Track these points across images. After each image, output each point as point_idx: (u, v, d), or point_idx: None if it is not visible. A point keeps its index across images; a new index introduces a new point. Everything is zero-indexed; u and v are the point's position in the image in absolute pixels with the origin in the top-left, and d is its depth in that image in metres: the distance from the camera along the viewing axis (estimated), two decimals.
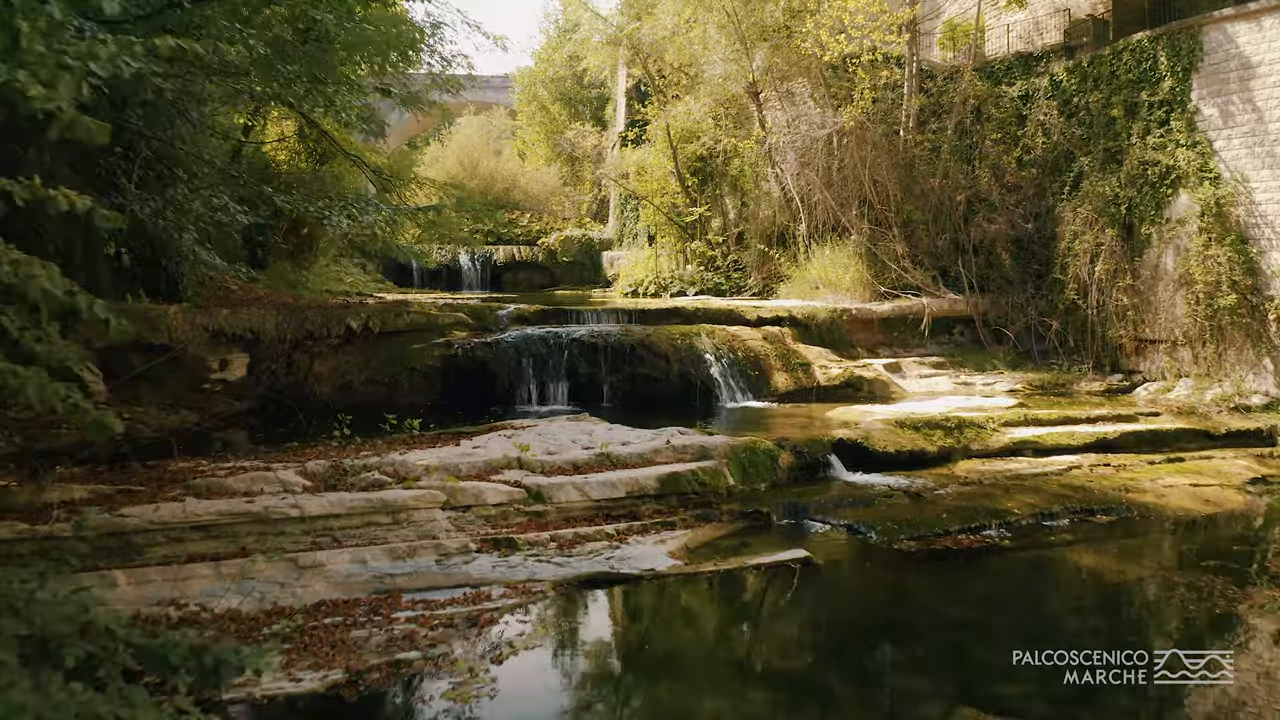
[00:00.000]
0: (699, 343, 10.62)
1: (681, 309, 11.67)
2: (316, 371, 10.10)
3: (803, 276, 14.93)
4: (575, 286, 26.10)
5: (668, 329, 10.84)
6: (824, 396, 10.93)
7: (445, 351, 10.06)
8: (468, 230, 12.92)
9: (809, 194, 14.73)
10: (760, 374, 10.76)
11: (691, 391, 10.22)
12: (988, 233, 14.06)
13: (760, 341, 11.25)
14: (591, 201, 31.84)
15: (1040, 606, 6.03)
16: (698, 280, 18.81)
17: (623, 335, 10.31)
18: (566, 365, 9.98)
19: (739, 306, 12.14)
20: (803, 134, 14.39)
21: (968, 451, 9.15)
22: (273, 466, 6.39)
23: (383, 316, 10.15)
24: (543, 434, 7.39)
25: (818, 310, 12.30)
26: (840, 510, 7.13)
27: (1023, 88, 15.16)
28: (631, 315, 11.34)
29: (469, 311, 10.78)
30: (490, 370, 9.91)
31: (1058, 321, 13.36)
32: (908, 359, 12.68)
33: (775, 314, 12.01)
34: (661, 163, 20.49)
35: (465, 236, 13.08)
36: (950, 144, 14.80)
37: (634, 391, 10.13)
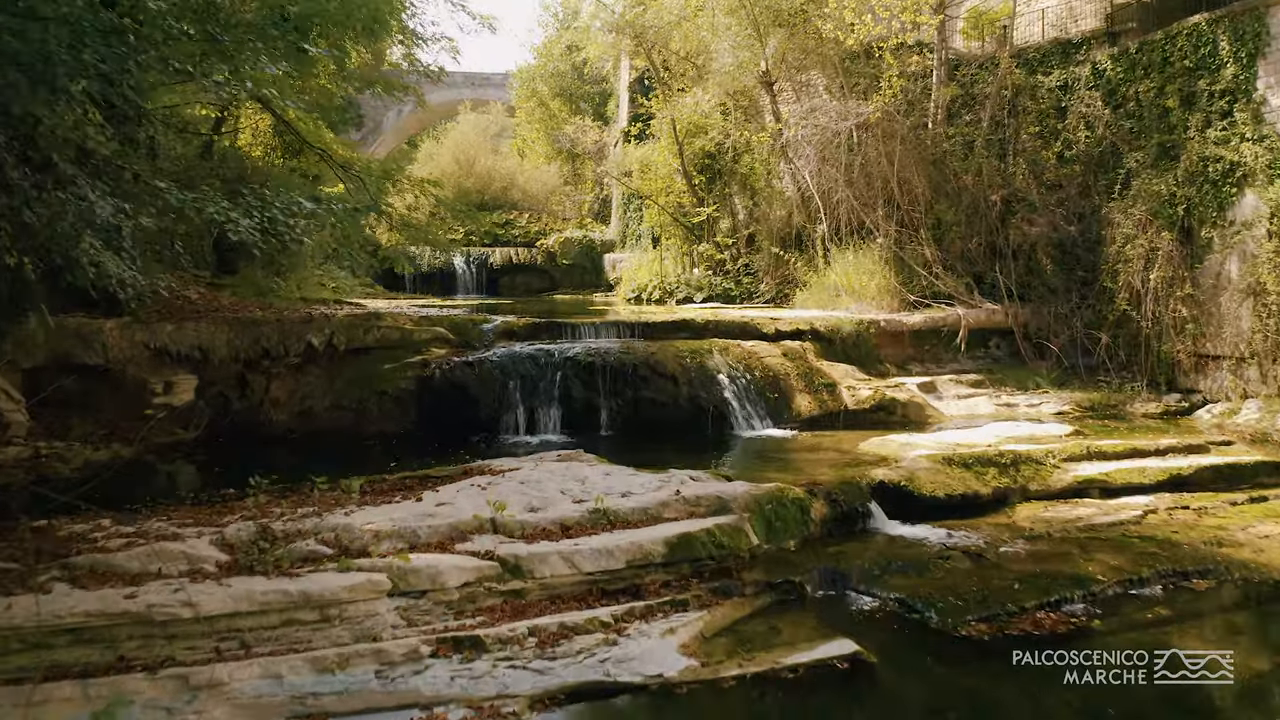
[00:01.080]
0: (711, 361, 9.33)
1: (690, 321, 10.37)
2: (273, 395, 8.83)
3: (822, 283, 13.64)
4: (576, 291, 24.85)
5: (675, 345, 9.55)
6: (852, 422, 9.64)
7: (421, 372, 8.78)
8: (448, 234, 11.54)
9: (829, 193, 13.44)
10: (780, 397, 9.47)
11: (703, 418, 8.93)
12: (1028, 235, 12.75)
13: (779, 359, 9.95)
14: (593, 201, 30.56)
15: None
16: (705, 285, 17.55)
17: (623, 353, 9.02)
18: (559, 388, 8.69)
19: (755, 318, 10.84)
20: (823, 126, 13.09)
21: (1026, 493, 7.84)
22: (184, 532, 5.11)
23: (349, 332, 8.87)
24: (526, 482, 6.09)
25: (842, 322, 11.00)
26: (889, 578, 5.83)
27: (1060, 77, 13.86)
28: (634, 329, 10.05)
29: (449, 325, 9.49)
30: (472, 394, 8.63)
31: (1107, 334, 12.05)
32: (942, 377, 11.38)
33: (795, 326, 10.71)
34: (666, 160, 19.22)
35: (445, 242, 11.72)
36: (984, 138, 13.50)
37: (637, 418, 8.84)
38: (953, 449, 8.42)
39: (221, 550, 4.86)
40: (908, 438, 8.66)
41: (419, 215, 10.23)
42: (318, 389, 8.82)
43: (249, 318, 9.09)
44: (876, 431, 9.28)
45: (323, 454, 8.30)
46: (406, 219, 10.09)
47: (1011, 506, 7.65)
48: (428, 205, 10.61)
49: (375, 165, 9.83)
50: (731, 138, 16.66)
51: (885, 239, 12.79)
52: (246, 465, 8.00)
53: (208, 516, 5.54)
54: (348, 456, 8.10)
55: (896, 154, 12.75)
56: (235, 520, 5.32)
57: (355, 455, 8.11)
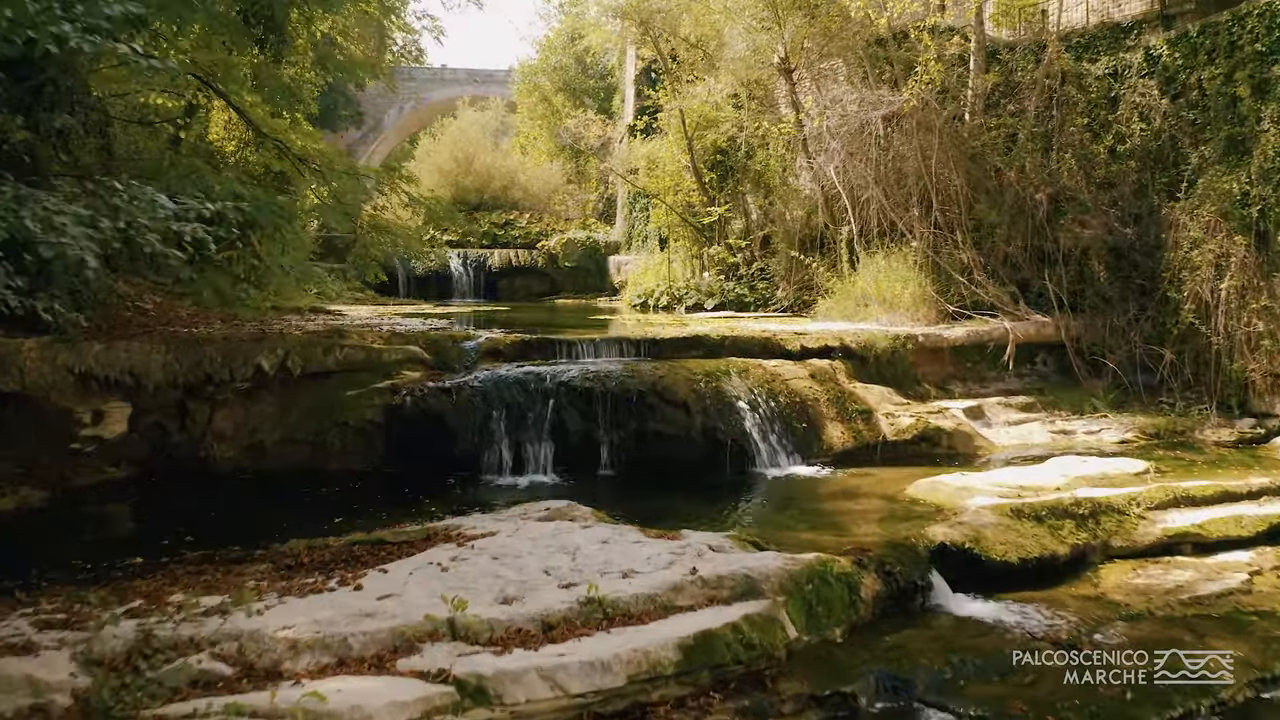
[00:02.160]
0: (729, 385, 8.03)
1: (704, 337, 9.05)
2: (218, 427, 7.56)
3: (847, 290, 12.33)
4: (578, 295, 23.59)
5: (687, 366, 8.25)
6: (892, 455, 8.35)
7: (389, 400, 7.49)
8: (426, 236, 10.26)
9: (856, 191, 12.12)
10: (809, 427, 8.17)
11: (720, 454, 7.63)
12: (1080, 239, 11.42)
13: (807, 381, 8.65)
14: (597, 200, 29.30)
15: None
16: (716, 291, 16.27)
17: (627, 377, 7.72)
18: (552, 420, 7.40)
19: (777, 333, 9.54)
20: (851, 116, 11.77)
21: (1108, 549, 6.54)
22: (43, 640, 3.85)
23: (306, 353, 7.60)
24: (501, 556, 4.80)
25: (876, 337, 9.69)
26: (965, 684, 4.53)
27: (1109, 64, 12.53)
28: (639, 347, 8.74)
29: (425, 343, 8.19)
30: (449, 426, 7.35)
31: (1170, 350, 10.71)
32: (989, 399, 10.07)
33: (823, 342, 9.41)
34: (675, 156, 17.93)
35: (420, 248, 10.43)
36: (1028, 130, 12.18)
37: (642, 455, 7.54)
38: (1016, 493, 7.14)
39: (83, 671, 3.60)
40: (962, 479, 7.35)
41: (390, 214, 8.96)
42: (269, 419, 7.55)
43: (191, 336, 7.83)
44: (922, 468, 7.99)
45: (272, 497, 7.07)
46: (376, 220, 8.82)
47: (1094, 569, 6.35)
48: (399, 203, 9.35)
49: (340, 159, 8.55)
50: (745, 131, 15.35)
51: (920, 242, 11.47)
52: (181, 512, 6.76)
53: (88, 609, 4.26)
54: (299, 502, 6.86)
55: (935, 148, 11.43)
56: (119, 616, 4.05)
57: (309, 500, 6.88)
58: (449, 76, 53.45)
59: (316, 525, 6.00)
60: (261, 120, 8.25)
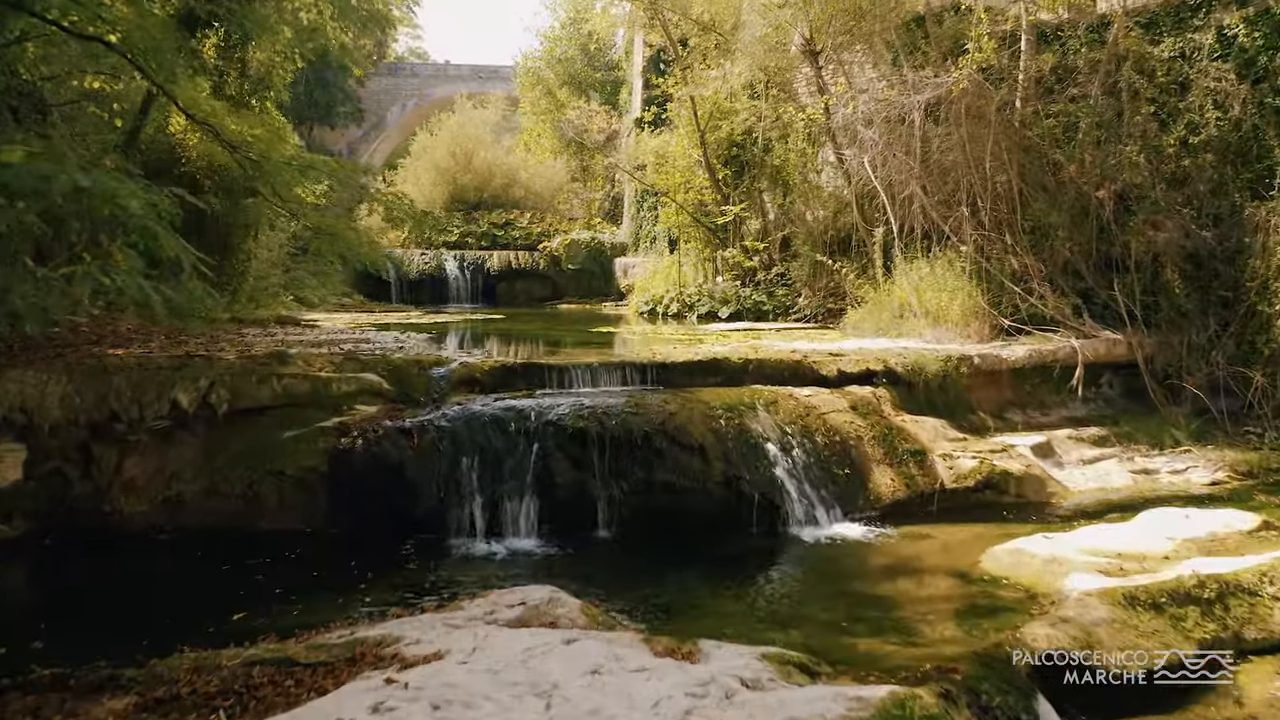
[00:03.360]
0: (755, 423, 6.57)
1: (723, 362, 7.57)
2: (128, 476, 6.15)
3: (882, 300, 10.87)
4: (582, 299, 22.18)
5: (703, 398, 6.80)
6: (951, 505, 6.91)
7: (335, 444, 6.06)
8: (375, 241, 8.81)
9: (896, 187, 10.65)
10: (852, 473, 6.72)
11: (744, 509, 6.18)
12: (1153, 243, 9.94)
13: (848, 415, 7.20)
14: (603, 199, 27.86)
15: None
16: (732, 298, 14.84)
17: (630, 414, 6.27)
18: (536, 469, 5.97)
19: (808, 354, 8.07)
20: (890, 102, 10.29)
21: (1240, 642, 5.07)
22: None
23: (235, 384, 6.18)
24: (445, 705, 3.35)
25: (925, 359, 8.23)
26: None
27: (1174, 45, 11.03)
28: (645, 373, 7.27)
29: (386, 370, 6.73)
30: (408, 478, 5.91)
31: (1260, 373, 9.23)
32: (1056, 431, 8.60)
33: (863, 365, 7.95)
34: (686, 150, 16.48)
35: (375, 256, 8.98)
36: (1091, 119, 10.69)
37: (648, 511, 6.09)
38: (1116, 564, 5.68)
39: None
40: (1047, 545, 5.87)
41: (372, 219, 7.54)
42: (190, 467, 6.13)
43: (100, 363, 6.42)
44: (992, 525, 6.55)
45: (187, 567, 5.68)
46: (321, 220, 7.38)
47: (1229, 674, 4.91)
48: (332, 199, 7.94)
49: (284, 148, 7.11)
50: (765, 122, 13.90)
51: (970, 246, 10.00)
52: (67, 590, 5.39)
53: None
54: (217, 574, 5.46)
55: (989, 139, 9.95)
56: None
57: (229, 572, 5.47)
58: (452, 73, 52.18)
59: (224, 615, 4.63)
60: (191, 101, 6.85)
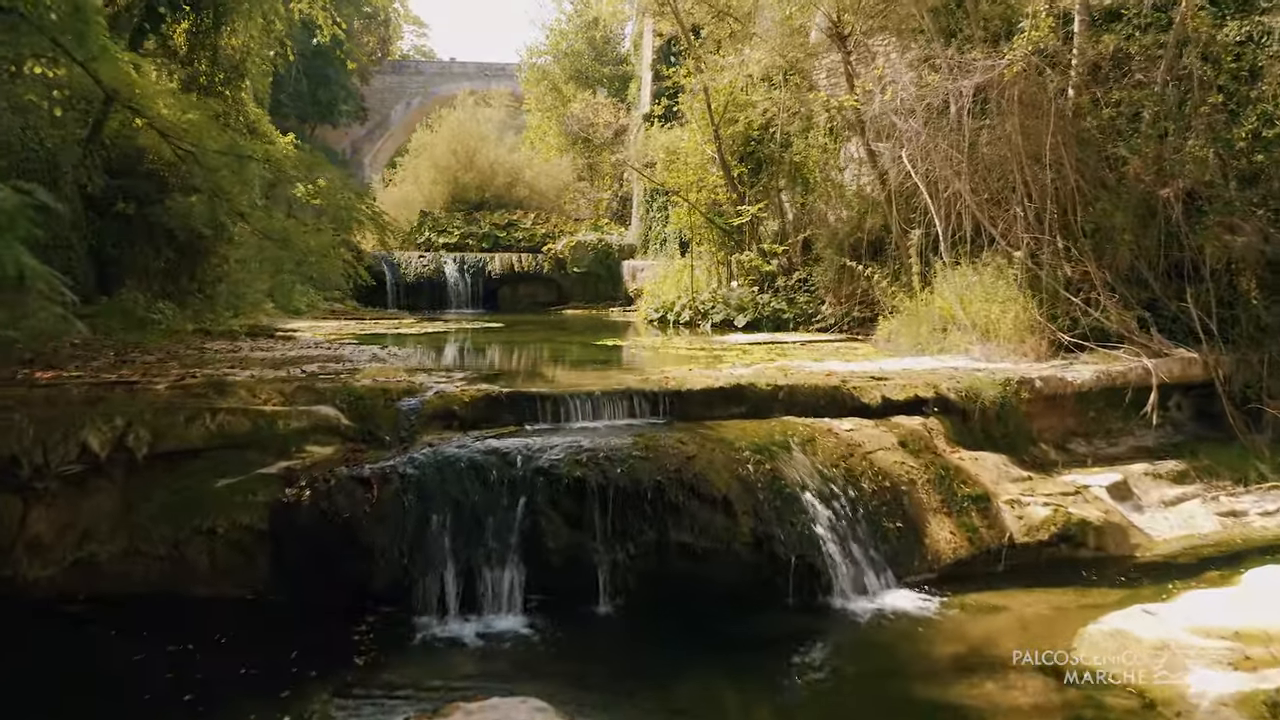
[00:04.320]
0: (789, 466, 5.44)
1: (748, 389, 6.39)
2: (33, 532, 5.05)
3: (921, 311, 9.72)
4: (589, 304, 21.08)
5: (726, 435, 5.66)
6: (1022, 564, 5.76)
7: (278, 495, 4.94)
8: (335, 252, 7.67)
9: (938, 185, 9.48)
10: (905, 526, 5.58)
11: (777, 575, 5.03)
12: (1229, 248, 8.77)
13: (897, 453, 6.06)
14: (611, 199, 26.75)
15: None
16: (749, 305, 13.72)
17: (639, 458, 5.14)
18: (523, 529, 4.84)
19: (846, 378, 6.91)
20: (934, 87, 9.13)
21: None
22: None
23: (159, 422, 5.07)
24: None
25: (981, 383, 7.07)
26: None
27: (1240, 29, 9.85)
28: (657, 403, 6.12)
29: (345, 400, 5.61)
30: (364, 540, 4.80)
31: None
32: (1130, 465, 7.45)
33: (911, 391, 6.79)
34: (699, 146, 15.37)
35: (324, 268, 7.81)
36: (1154, 108, 9.52)
37: (660, 579, 4.95)
38: (1238, 646, 4.54)
39: None
40: (1153, 625, 4.71)
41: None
42: (107, 522, 5.03)
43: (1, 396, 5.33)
44: (1075, 592, 5.42)
45: (97, 649, 4.60)
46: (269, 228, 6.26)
47: None
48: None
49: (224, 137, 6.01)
50: (786, 113, 12.77)
51: (1024, 251, 8.84)
52: None
53: None
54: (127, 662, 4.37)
55: (1049, 130, 8.77)
56: None
57: (143, 664, 4.38)
58: (458, 70, 51.24)
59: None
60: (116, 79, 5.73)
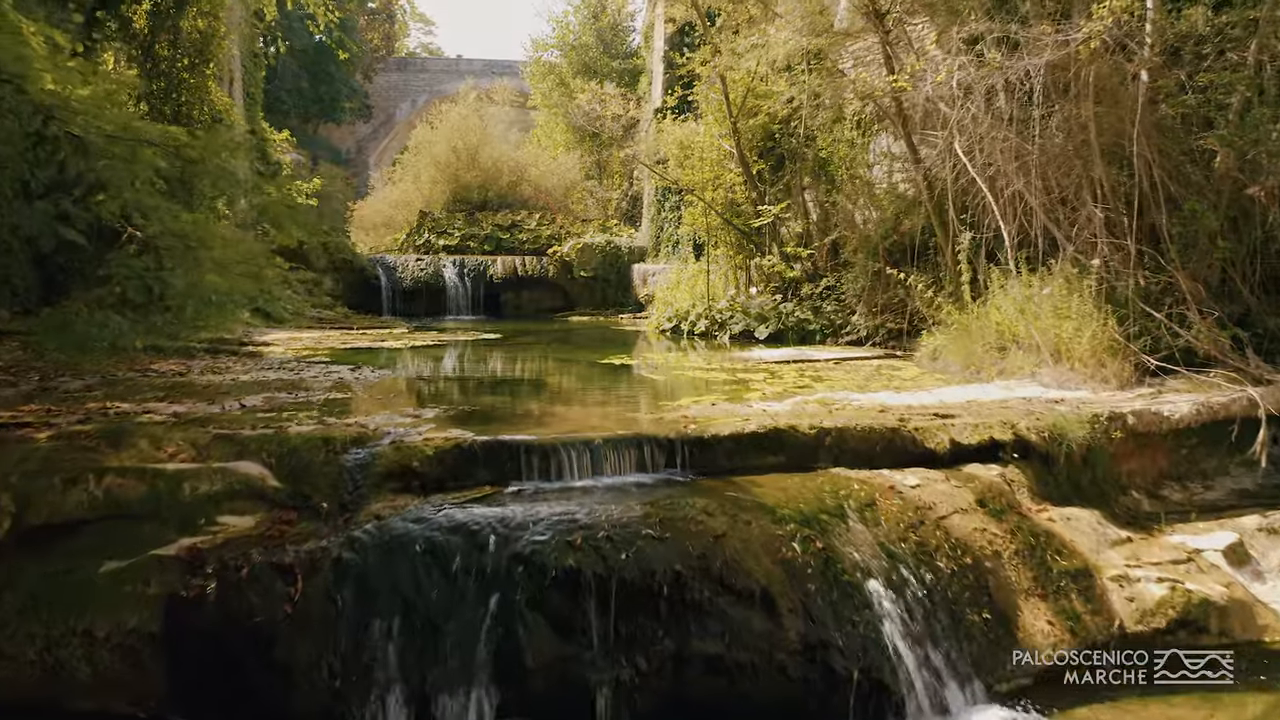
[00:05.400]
0: (845, 542, 4.20)
1: (788, 434, 5.13)
2: None
3: (973, 326, 8.47)
4: (597, 310, 19.91)
5: (763, 498, 4.42)
6: (1136, 659, 4.53)
7: (175, 588, 3.74)
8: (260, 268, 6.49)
9: (999, 181, 8.21)
10: (993, 616, 4.35)
11: (834, 694, 3.81)
12: None
13: (975, 516, 4.81)
14: (621, 199, 25.56)
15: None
16: (771, 315, 12.52)
17: (650, 538, 3.90)
18: (495, 639, 3.62)
19: (906, 416, 5.66)
20: (999, 67, 7.86)
21: None
22: None
23: (29, 487, 3.87)
24: None
25: (1065, 422, 5.82)
26: None
27: None
28: (674, 453, 4.87)
29: (275, 454, 4.37)
30: (282, 654, 3.61)
31: None
32: (1235, 514, 6.18)
33: (986, 433, 5.53)
34: (715, 141, 14.17)
35: (242, 289, 6.61)
36: (1245, 93, 8.24)
37: (678, 703, 3.73)
38: None
39: None
40: None
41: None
42: None
43: None
44: (1204, 703, 4.19)
45: None
46: (177, 229, 5.10)
47: None
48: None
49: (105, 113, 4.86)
50: (815, 100, 11.53)
51: (1100, 259, 7.58)
52: None
53: None
54: None
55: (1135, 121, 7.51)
56: None
57: None
58: (465, 68, 50.20)
59: None
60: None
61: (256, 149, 22.85)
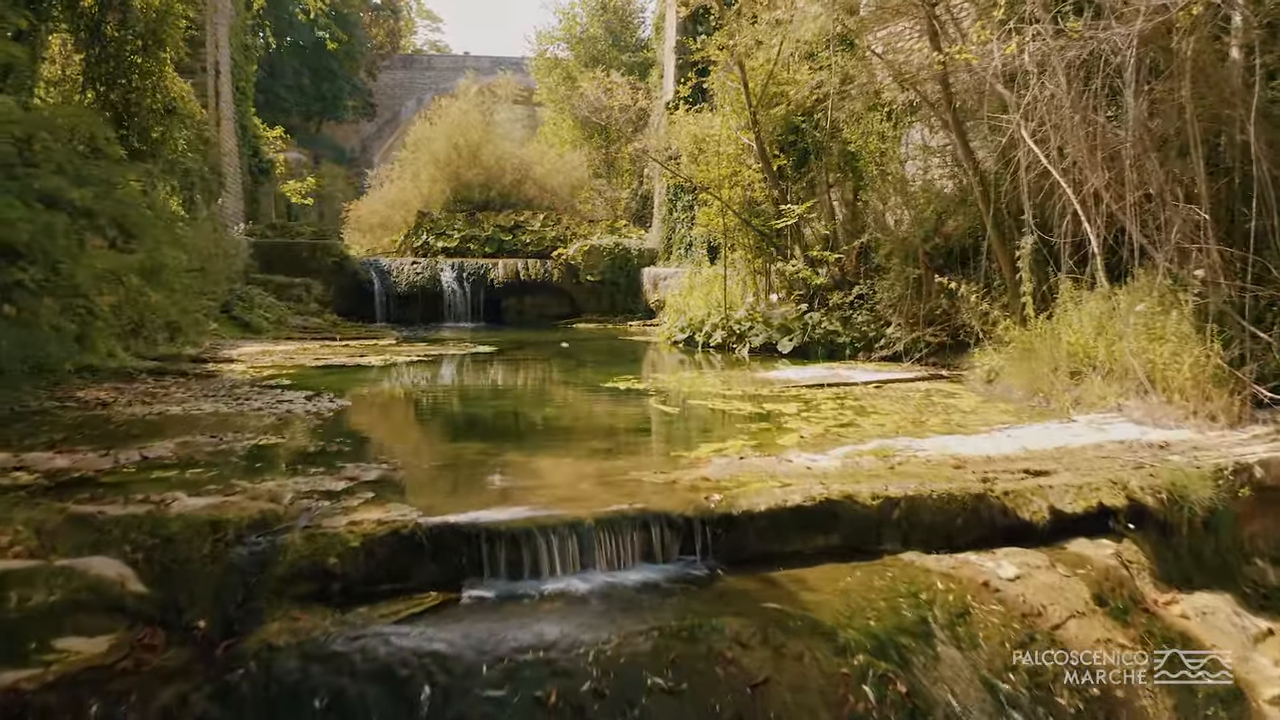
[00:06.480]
0: (935, 682, 3.00)
1: (842, 507, 3.88)
2: None
3: (1038, 345, 7.24)
4: (604, 317, 18.72)
5: (815, 611, 3.22)
6: None
7: None
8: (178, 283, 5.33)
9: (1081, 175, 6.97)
10: None
11: None
12: None
13: (1094, 621, 3.60)
14: (630, 198, 24.37)
15: None
16: (795, 326, 11.32)
17: (660, 694, 2.72)
18: None
19: (990, 475, 4.44)
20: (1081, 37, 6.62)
21: None
22: None
23: None
24: None
25: (1185, 478, 4.59)
26: None
27: None
28: (692, 534, 3.71)
29: (143, 544, 3.19)
30: None
31: None
32: None
33: (1090, 495, 4.30)
34: (733, 135, 12.97)
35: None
36: None
37: None
38: None
39: None
40: None
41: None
42: None
43: None
44: None
45: None
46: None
47: None
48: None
49: None
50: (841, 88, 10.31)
51: (1204, 271, 6.34)
52: None
53: None
54: None
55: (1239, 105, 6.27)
56: None
57: None
58: (471, 65, 49.16)
59: None
60: None
61: (248, 146, 21.77)
